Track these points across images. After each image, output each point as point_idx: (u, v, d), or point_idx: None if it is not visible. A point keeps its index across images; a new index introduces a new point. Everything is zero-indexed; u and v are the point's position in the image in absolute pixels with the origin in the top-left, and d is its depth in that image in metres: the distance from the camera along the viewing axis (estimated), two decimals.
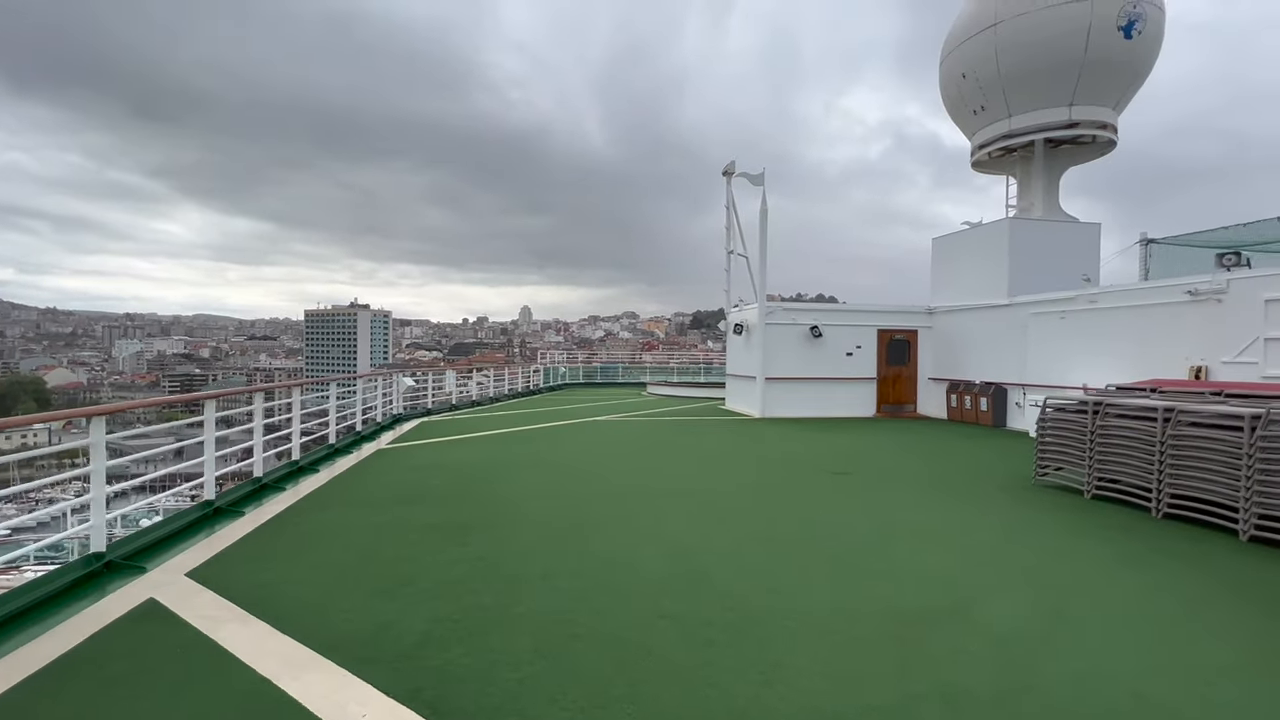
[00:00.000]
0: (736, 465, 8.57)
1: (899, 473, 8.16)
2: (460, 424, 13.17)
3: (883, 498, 6.66)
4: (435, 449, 9.68)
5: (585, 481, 7.21)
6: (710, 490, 6.83)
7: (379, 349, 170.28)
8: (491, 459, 8.69)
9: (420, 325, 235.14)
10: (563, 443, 10.58)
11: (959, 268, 15.22)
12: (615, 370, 31.83)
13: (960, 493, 6.93)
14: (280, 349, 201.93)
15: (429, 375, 15.55)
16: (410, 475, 7.49)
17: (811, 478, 7.68)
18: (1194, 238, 16.76)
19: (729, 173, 17.73)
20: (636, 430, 12.50)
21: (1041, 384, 12.57)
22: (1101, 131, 13.36)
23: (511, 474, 7.60)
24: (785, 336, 15.30)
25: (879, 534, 5.22)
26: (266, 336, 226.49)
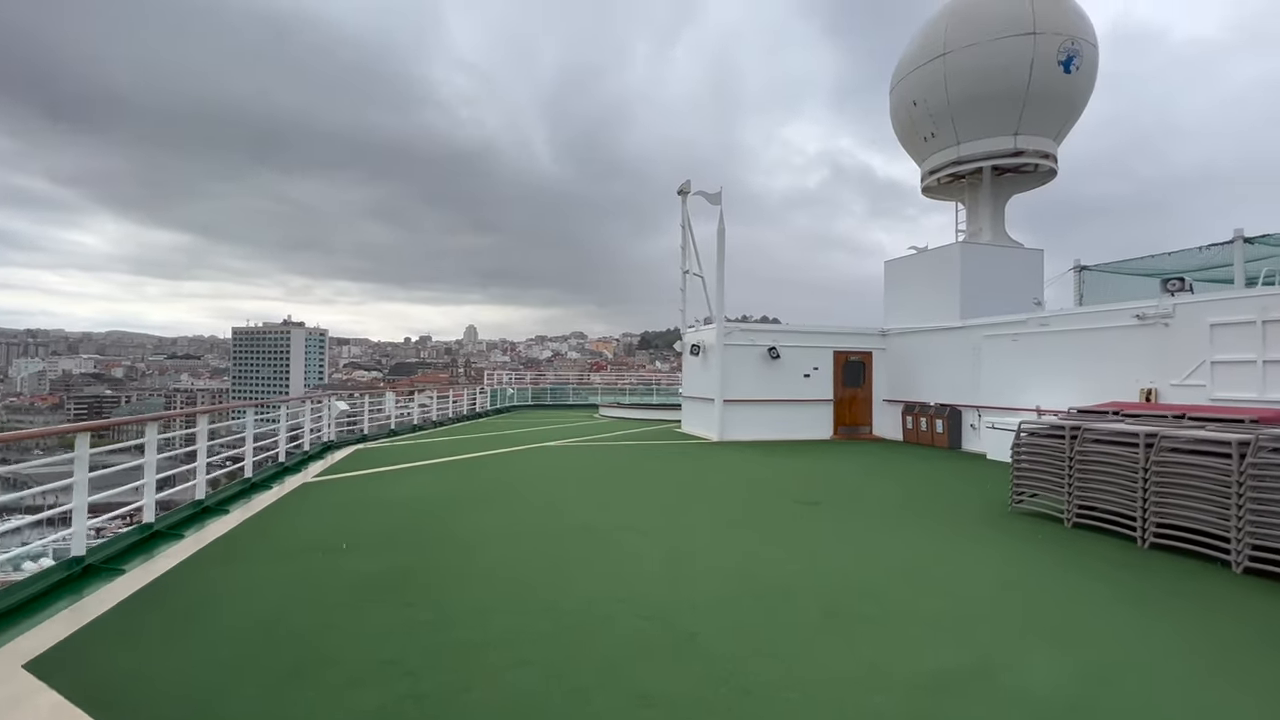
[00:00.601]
0: (703, 495, 8.02)
1: (870, 501, 7.80)
2: (400, 452, 12.13)
3: (860, 532, 6.23)
4: (370, 482, 8.71)
5: (543, 518, 6.48)
6: (680, 527, 6.23)
7: (314, 369, 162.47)
8: (435, 493, 7.83)
9: (359, 344, 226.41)
10: (515, 472, 9.79)
11: (912, 290, 15.38)
12: (566, 391, 30.97)
13: (939, 523, 6.59)
14: (204, 369, 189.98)
15: (364, 398, 14.41)
16: (339, 514, 6.57)
17: (782, 508, 7.20)
18: (1123, 265, 17.59)
19: (684, 191, 17.50)
20: (593, 457, 11.80)
21: (995, 405, 12.68)
22: (1044, 161, 13.82)
23: (458, 511, 6.78)
24: (743, 358, 15.01)
25: (866, 576, 4.75)
26: (189, 355, 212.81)
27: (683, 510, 7.07)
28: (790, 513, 6.98)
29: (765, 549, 5.45)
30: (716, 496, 7.95)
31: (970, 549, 5.59)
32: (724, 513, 6.94)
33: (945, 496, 8.13)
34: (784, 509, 7.17)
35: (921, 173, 15.65)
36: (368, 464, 10.20)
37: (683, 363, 17.75)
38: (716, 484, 8.86)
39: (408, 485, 8.35)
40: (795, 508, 7.24)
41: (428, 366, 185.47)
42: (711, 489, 8.47)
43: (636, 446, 13.38)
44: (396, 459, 10.78)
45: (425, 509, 6.80)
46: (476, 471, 9.68)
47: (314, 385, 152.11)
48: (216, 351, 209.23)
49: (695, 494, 8.12)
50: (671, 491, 8.27)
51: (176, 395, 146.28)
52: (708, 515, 6.80)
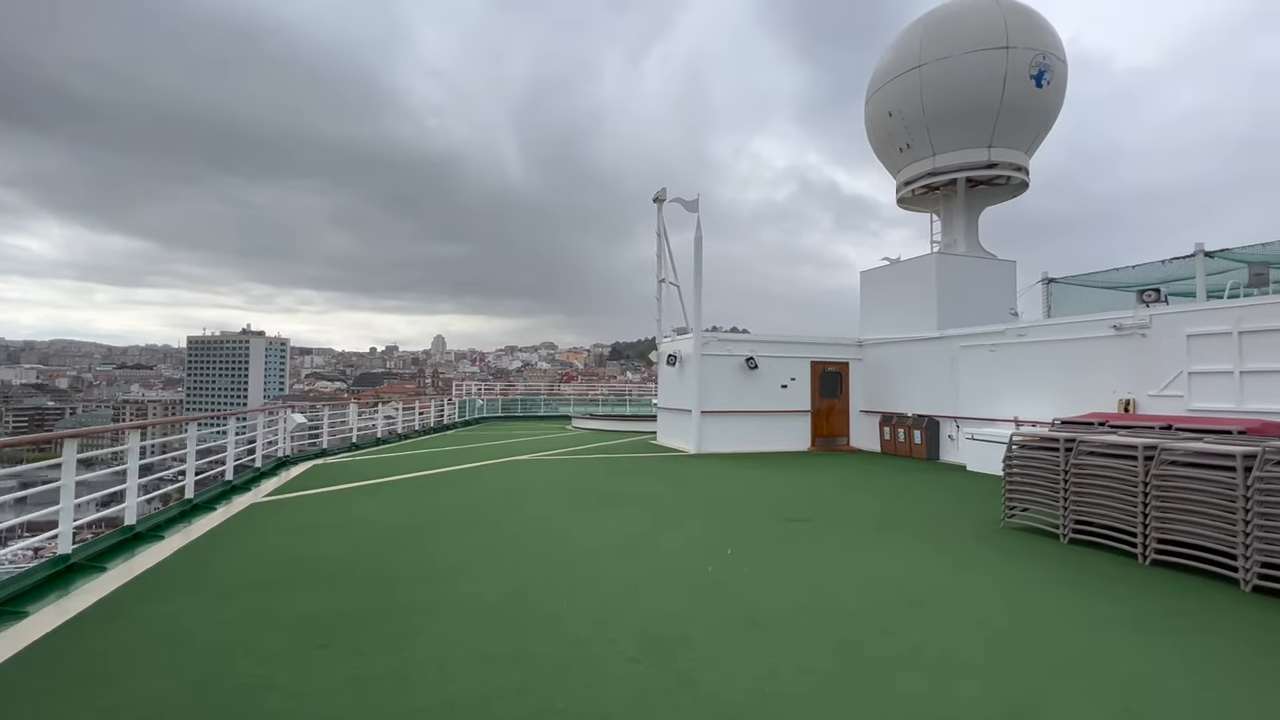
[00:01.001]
0: (688, 513, 7.61)
1: (859, 517, 7.50)
2: (361, 468, 11.44)
3: (856, 553, 5.90)
4: (327, 501, 8.07)
5: (517, 542, 5.98)
6: (668, 550, 5.81)
7: (274, 379, 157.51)
8: (397, 514, 7.25)
9: (323, 354, 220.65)
10: (485, 490, 9.24)
11: (888, 301, 15.35)
12: (537, 402, 30.31)
13: (936, 542, 6.31)
14: (157, 379, 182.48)
15: (324, 409, 13.64)
16: (289, 541, 5.96)
17: (771, 527, 6.85)
18: (1089, 278, 17.93)
19: (660, 199, 17.24)
20: (568, 471, 11.31)
21: (973, 416, 12.63)
22: (1016, 173, 13.96)
23: (422, 536, 6.24)
24: (721, 368, 14.72)
25: (872, 604, 4.40)
26: (140, 365, 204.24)
27: (669, 530, 6.65)
28: (781, 532, 6.62)
29: (761, 574, 5.07)
30: (702, 514, 7.55)
31: (975, 571, 5.30)
32: (713, 532, 6.54)
33: (935, 512, 7.89)
34: (774, 528, 6.81)
35: (897, 184, 15.69)
36: (326, 481, 9.52)
37: (658, 373, 17.39)
38: (700, 500, 8.47)
39: (367, 506, 7.74)
40: (785, 526, 6.89)
41: (394, 377, 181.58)
42: (696, 505, 8.07)
43: (613, 460, 12.93)
44: (357, 476, 10.11)
45: (385, 534, 6.24)
46: (443, 489, 9.11)
47: (274, 396, 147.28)
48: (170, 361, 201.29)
49: (680, 511, 7.72)
50: (654, 509, 7.85)
51: (126, 407, 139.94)
52: (696, 535, 6.40)
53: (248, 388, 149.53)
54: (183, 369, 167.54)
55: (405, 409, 18.96)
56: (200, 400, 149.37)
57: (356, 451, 14.05)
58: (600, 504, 8.13)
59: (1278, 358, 8.28)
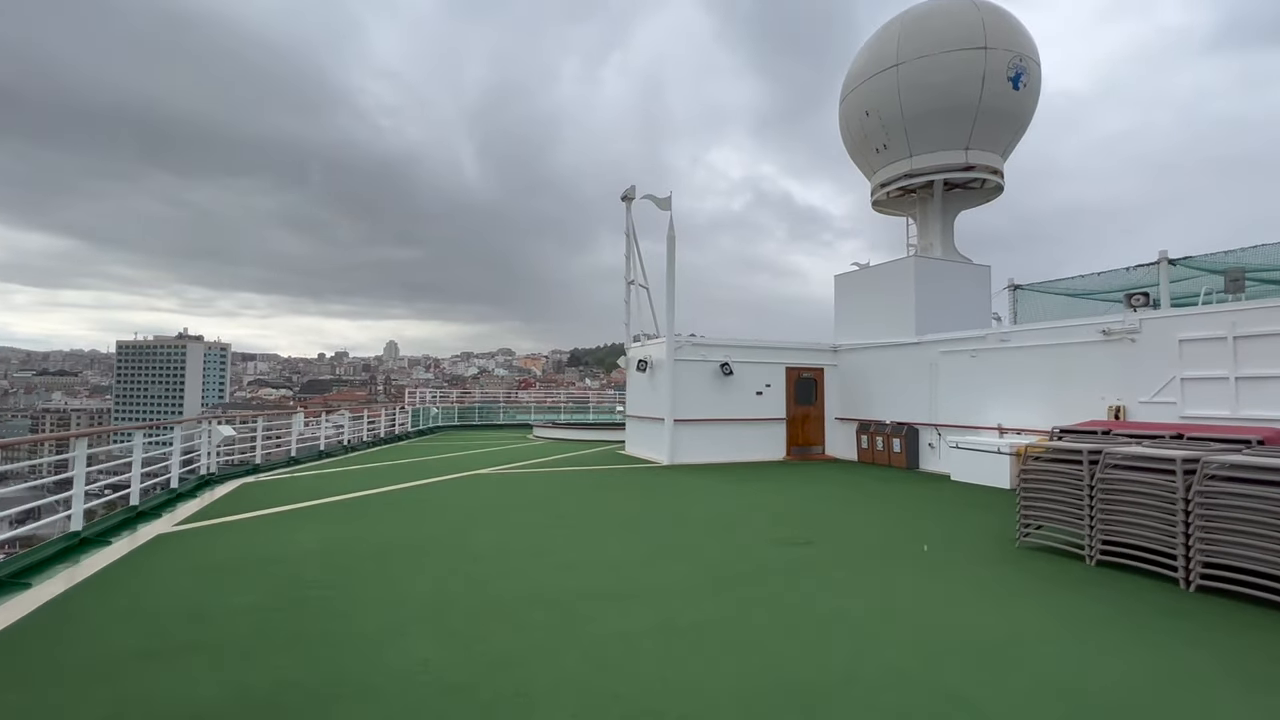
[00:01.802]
0: (673, 540, 6.78)
1: (862, 540, 6.82)
2: (299, 486, 10.18)
3: (874, 585, 5.18)
4: (250, 531, 6.90)
5: (478, 585, 5.02)
6: (661, 589, 4.95)
7: (213, 386, 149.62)
8: (333, 547, 6.17)
9: (267, 360, 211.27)
10: (440, 512, 8.19)
11: (863, 305, 14.95)
12: (496, 410, 29.00)
13: (955, 569, 5.66)
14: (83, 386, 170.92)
15: (258, 420, 12.25)
16: (194, 587, 4.85)
17: (772, 555, 6.08)
18: (1053, 285, 18.01)
19: (629, 198, 16.47)
20: (533, 489, 10.33)
21: (954, 424, 12.25)
22: (992, 176, 13.76)
23: (363, 577, 5.20)
24: (694, 374, 14.00)
25: (927, 662, 3.64)
26: (64, 371, 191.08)
27: (658, 562, 5.80)
28: (785, 561, 5.86)
29: (780, 621, 4.27)
30: (691, 539, 6.73)
31: (1020, 608, 4.61)
32: (709, 564, 5.72)
33: (940, 530, 7.28)
34: (776, 555, 6.05)
35: (872, 186, 15.35)
36: (253, 504, 8.30)
37: (627, 380, 16.56)
38: (686, 522, 7.65)
39: (298, 536, 6.62)
40: (787, 553, 6.13)
41: (344, 384, 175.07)
42: (682, 529, 7.24)
43: (582, 474, 12.00)
44: (293, 496, 8.90)
45: (317, 575, 5.18)
46: (391, 513, 8.02)
47: (214, 404, 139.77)
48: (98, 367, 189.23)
49: (665, 537, 6.87)
50: (636, 534, 6.99)
51: (46, 416, 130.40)
52: (690, 569, 5.57)
53: (184, 396, 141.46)
54: (111, 376, 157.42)
55: (353, 418, 17.54)
56: (131, 410, 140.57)
57: (295, 467, 12.69)
58: (573, 530, 7.22)
59: (1274, 363, 8.06)
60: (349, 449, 16.16)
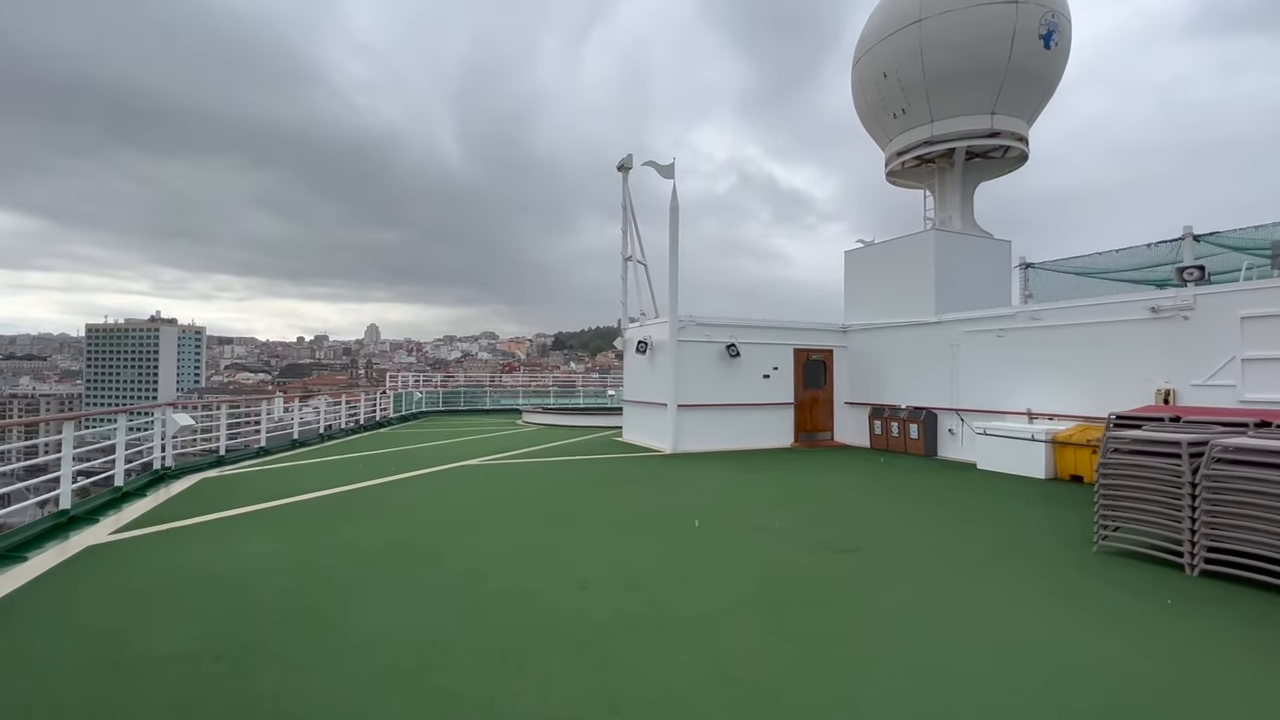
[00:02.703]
0: (699, 546, 5.87)
1: (914, 543, 5.96)
2: (264, 482, 9.12)
3: (953, 605, 4.31)
4: (205, 538, 5.87)
5: (475, 614, 4.06)
6: (698, 616, 4.03)
7: (188, 371, 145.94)
8: (300, 561, 5.17)
9: (245, 344, 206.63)
10: (427, 513, 7.20)
11: (876, 283, 14.07)
12: (482, 395, 27.87)
13: (1036, 581, 4.82)
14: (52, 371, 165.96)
15: (220, 407, 11.09)
16: (120, 621, 3.84)
17: (817, 564, 5.20)
18: (1067, 263, 17.29)
19: (625, 167, 15.36)
20: (529, 483, 9.36)
21: (977, 409, 11.48)
22: (1018, 144, 12.87)
23: (335, 605, 4.22)
24: (698, 356, 13.07)
25: (1063, 717, 2.78)
26: (32, 356, 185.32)
27: (688, 576, 4.88)
28: (837, 573, 4.98)
29: (859, 658, 3.38)
30: (720, 545, 5.83)
31: (1144, 636, 3.78)
32: (749, 579, 4.82)
33: (999, 530, 6.46)
34: (824, 565, 5.16)
35: (887, 155, 14.39)
36: (212, 504, 7.23)
37: (625, 363, 15.58)
38: (708, 521, 6.74)
39: (261, 545, 5.60)
40: (835, 561, 5.25)
41: (324, 368, 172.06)
42: (707, 531, 6.34)
43: (580, 464, 11.05)
44: (258, 494, 7.85)
45: (273, 604, 4.19)
46: (369, 514, 7.02)
47: (189, 389, 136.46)
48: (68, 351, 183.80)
49: (689, 541, 5.96)
50: (656, 539, 6.07)
51: (14, 402, 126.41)
52: (728, 585, 4.66)
53: (158, 380, 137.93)
54: (82, 360, 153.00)
55: (330, 404, 16.38)
56: (102, 395, 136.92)
57: (265, 459, 11.58)
58: (581, 533, 6.27)
59: None
60: (327, 437, 15.04)
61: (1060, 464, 9.53)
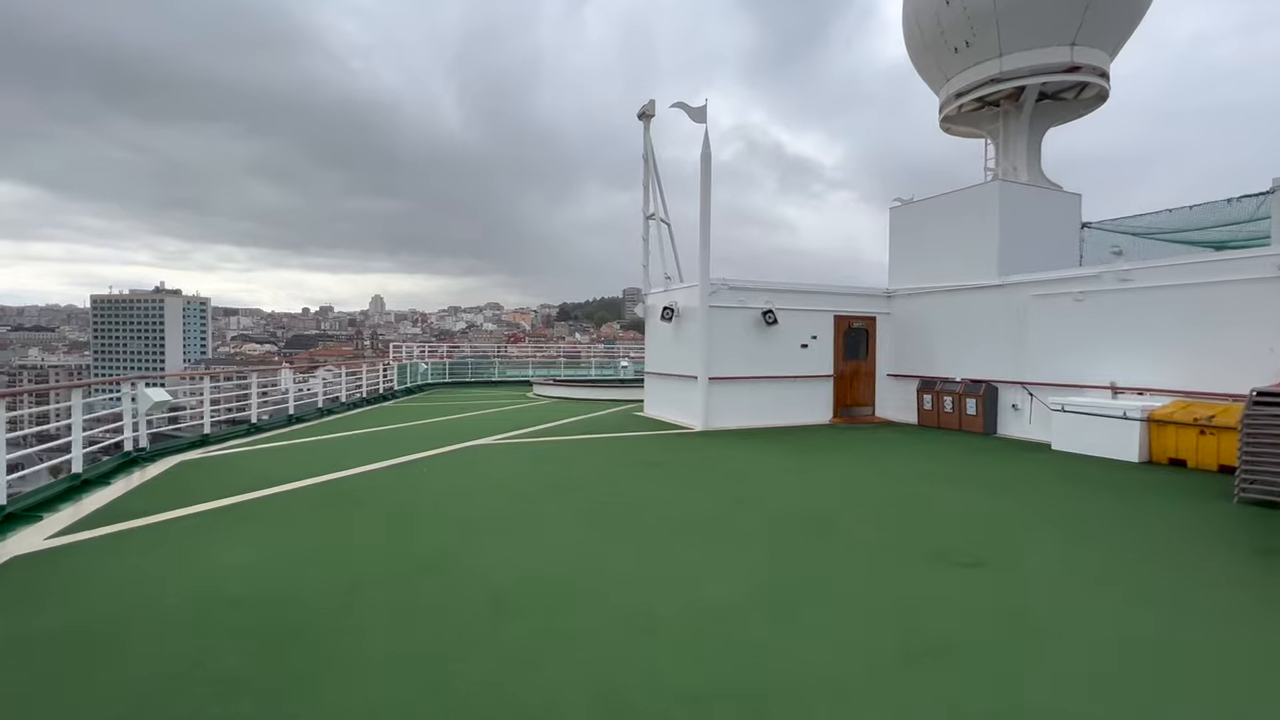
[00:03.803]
0: (779, 557, 4.72)
1: (1043, 552, 4.78)
2: (249, 466, 8.03)
3: (1157, 651, 3.15)
4: (164, 545, 4.76)
5: (516, 678, 2.93)
6: (819, 680, 2.88)
7: (194, 342, 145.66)
8: (275, 587, 4.05)
9: (251, 315, 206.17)
10: (435, 509, 6.07)
11: (927, 242, 12.68)
12: (489, 366, 26.72)
13: (1233, 608, 3.65)
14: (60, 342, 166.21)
15: (204, 380, 9.96)
16: (15, 682, 2.72)
17: (938, 588, 4.04)
18: (1124, 223, 15.79)
19: (647, 115, 13.91)
20: (551, 465, 8.23)
21: (1048, 382, 10.23)
22: (1099, 80, 11.32)
23: (317, 661, 3.09)
24: (731, 324, 11.82)
25: None
26: (40, 327, 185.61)
27: (783, 611, 3.72)
28: (971, 604, 3.82)
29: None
30: (807, 558, 4.67)
31: None
32: (862, 615, 3.66)
33: (1130, 530, 5.28)
34: (948, 591, 4.00)
35: (942, 99, 12.84)
36: (183, 496, 6.13)
37: (647, 331, 14.35)
38: (775, 520, 5.59)
39: (230, 556, 4.49)
40: (960, 585, 4.09)
41: (330, 339, 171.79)
42: (780, 536, 5.18)
43: (606, 445, 9.89)
44: (239, 482, 6.74)
45: (233, 659, 3.06)
46: (366, 512, 5.90)
47: (195, 360, 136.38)
48: (75, 323, 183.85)
49: (765, 552, 4.81)
50: (721, 548, 4.91)
51: (23, 373, 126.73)
52: (838, 623, 3.51)
53: (164, 351, 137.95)
54: (89, 331, 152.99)
55: (330, 376, 15.25)
56: (110, 365, 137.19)
57: (256, 437, 10.50)
58: (625, 540, 5.12)
59: None
60: (326, 412, 13.95)
61: (1157, 446, 8.32)
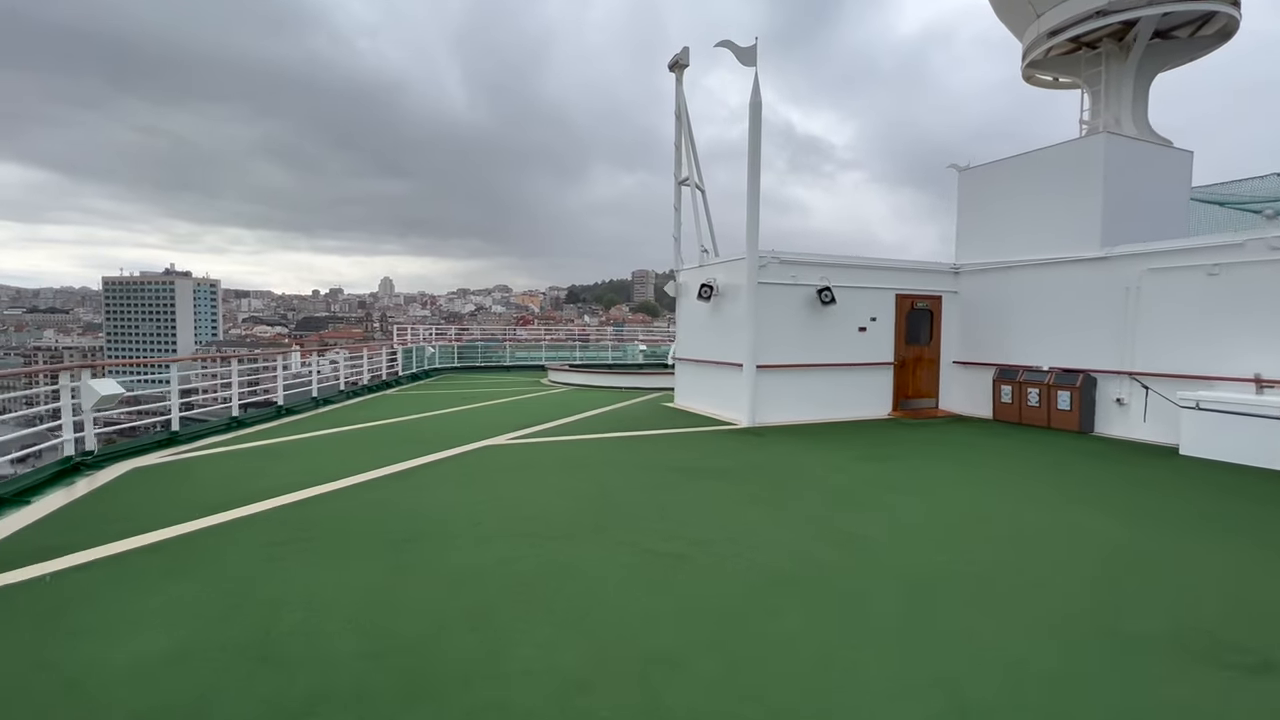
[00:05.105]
0: (950, 663, 3.19)
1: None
2: (217, 473, 6.60)
3: None
4: (44, 619, 3.31)
5: None
6: None
7: (206, 324, 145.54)
8: (213, 683, 2.56)
9: (261, 297, 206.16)
10: (439, 552, 4.58)
11: (1010, 208, 10.95)
12: (499, 349, 25.22)
13: None
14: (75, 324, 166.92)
15: (171, 367, 8.53)
16: None
17: (1247, 715, 2.49)
18: (1226, 188, 13.93)
19: (680, 64, 12.18)
20: (583, 477, 6.71)
21: (1168, 373, 8.57)
22: (1229, 8, 9.46)
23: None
24: (782, 303, 10.22)
25: None
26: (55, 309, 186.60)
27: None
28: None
29: None
30: (989, 662, 3.15)
31: None
32: None
33: None
34: (1243, 706, 2.46)
35: (1028, 42, 11.01)
36: (116, 523, 4.69)
37: (679, 312, 12.77)
38: (913, 585, 4.06)
39: (138, 641, 3.03)
40: (1255, 696, 2.55)
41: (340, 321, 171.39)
42: (934, 615, 3.66)
43: (644, 446, 8.35)
44: (194, 501, 5.30)
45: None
46: (343, 555, 4.42)
47: (206, 341, 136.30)
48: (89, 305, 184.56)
49: (928, 642, 3.29)
50: (877, 646, 3.40)
51: (38, 354, 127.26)
52: None
53: (175, 333, 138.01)
54: (101, 313, 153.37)
55: (323, 362, 13.83)
56: (123, 347, 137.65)
57: (235, 433, 9.09)
58: (713, 614, 3.60)
59: None
60: (321, 402, 12.55)
61: None
